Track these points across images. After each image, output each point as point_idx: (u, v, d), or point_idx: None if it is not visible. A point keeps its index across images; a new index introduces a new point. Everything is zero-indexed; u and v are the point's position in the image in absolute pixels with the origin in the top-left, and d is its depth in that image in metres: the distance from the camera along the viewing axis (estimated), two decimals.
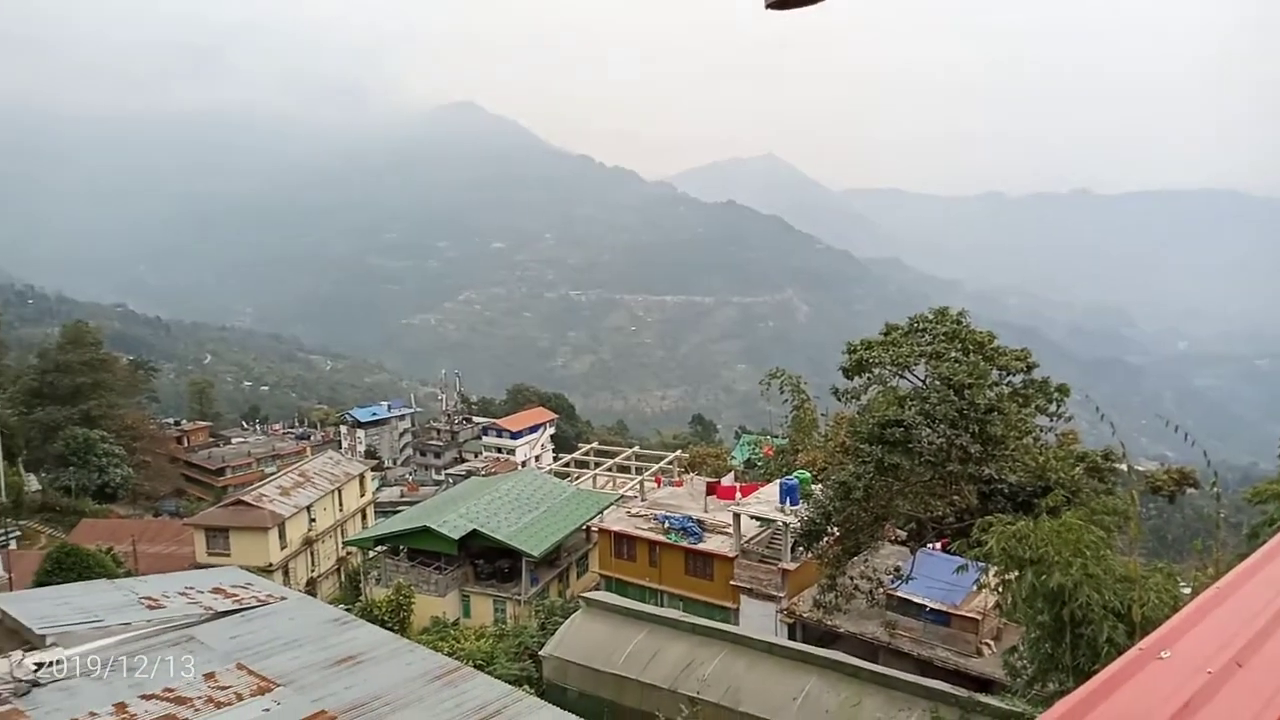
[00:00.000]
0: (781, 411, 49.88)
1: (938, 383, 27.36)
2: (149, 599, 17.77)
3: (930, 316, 30.67)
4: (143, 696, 13.92)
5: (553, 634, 27.36)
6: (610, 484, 61.85)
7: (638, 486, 53.74)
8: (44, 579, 37.35)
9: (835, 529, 28.75)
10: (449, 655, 17.38)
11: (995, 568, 14.24)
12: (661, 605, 31.83)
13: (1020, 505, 26.66)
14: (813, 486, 33.36)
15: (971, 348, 28.69)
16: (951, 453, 26.31)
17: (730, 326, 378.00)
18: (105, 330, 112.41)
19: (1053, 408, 28.93)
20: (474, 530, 42.56)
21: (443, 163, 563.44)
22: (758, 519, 36.16)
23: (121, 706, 13.64)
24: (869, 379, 29.77)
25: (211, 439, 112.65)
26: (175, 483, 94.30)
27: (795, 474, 37.26)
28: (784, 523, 33.73)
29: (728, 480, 44.45)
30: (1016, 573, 13.20)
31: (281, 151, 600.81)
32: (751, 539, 36.81)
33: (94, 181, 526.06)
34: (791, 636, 29.86)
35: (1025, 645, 14.26)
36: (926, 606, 27.88)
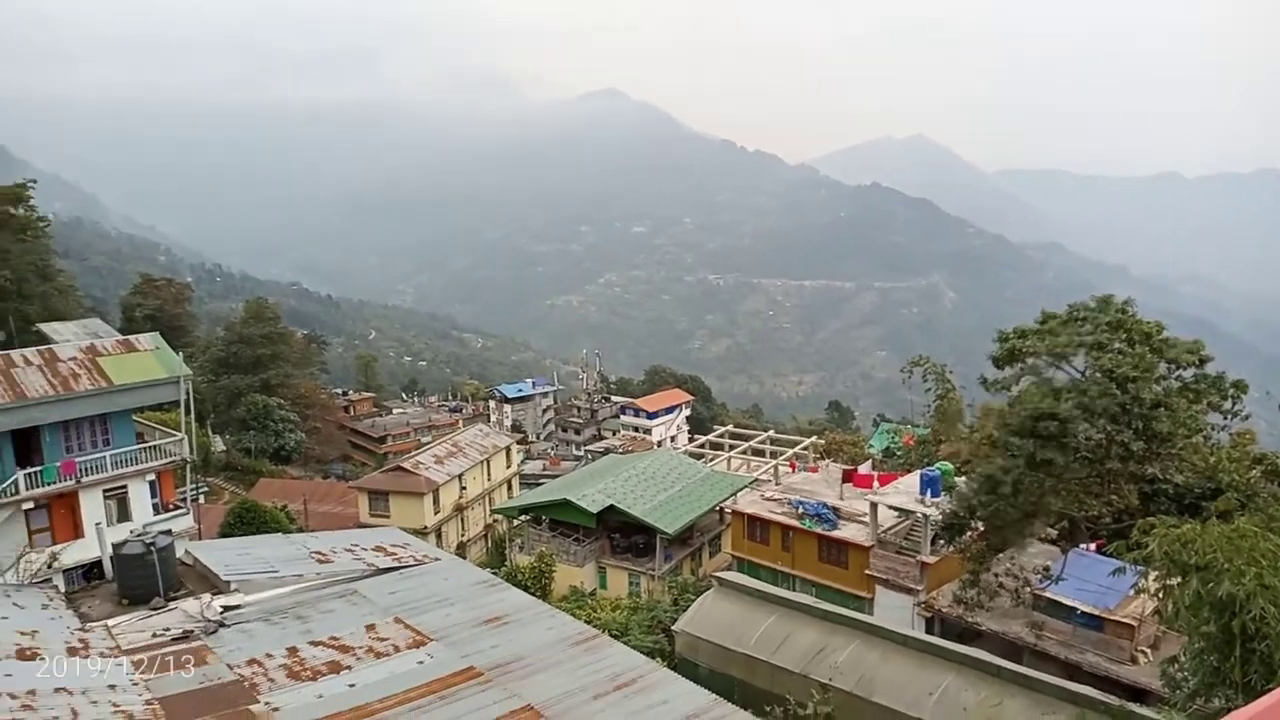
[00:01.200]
0: (923, 400, 48.26)
1: (1098, 375, 25.79)
2: (319, 554, 19.41)
3: (1092, 305, 28.89)
4: (312, 643, 15.30)
5: (685, 610, 27.79)
6: (744, 467, 61.70)
7: (772, 470, 53.43)
8: (227, 531, 41.28)
9: (979, 524, 27.73)
10: (586, 623, 18.05)
11: (1156, 572, 13.47)
12: (793, 590, 31.67)
13: (1186, 508, 24.90)
14: (956, 479, 32.27)
15: (1137, 339, 26.86)
16: (1111, 449, 24.84)
17: (870, 312, 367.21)
18: (282, 306, 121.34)
19: (1227, 405, 26.74)
20: (611, 505, 43.57)
21: (587, 149, 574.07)
22: (896, 509, 35.28)
23: (293, 651, 15.04)
24: (1022, 369, 28.43)
25: (375, 409, 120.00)
26: (342, 448, 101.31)
27: (937, 465, 36.08)
28: (924, 515, 32.79)
29: (864, 468, 43.50)
30: (1180, 579, 12.46)
31: (437, 143, 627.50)
32: (889, 529, 35.98)
33: (273, 171, 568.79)
34: (929, 631, 29.09)
35: (1187, 656, 13.47)
36: (1077, 609, 26.50)
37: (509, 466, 67.01)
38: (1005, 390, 29.14)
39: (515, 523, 50.63)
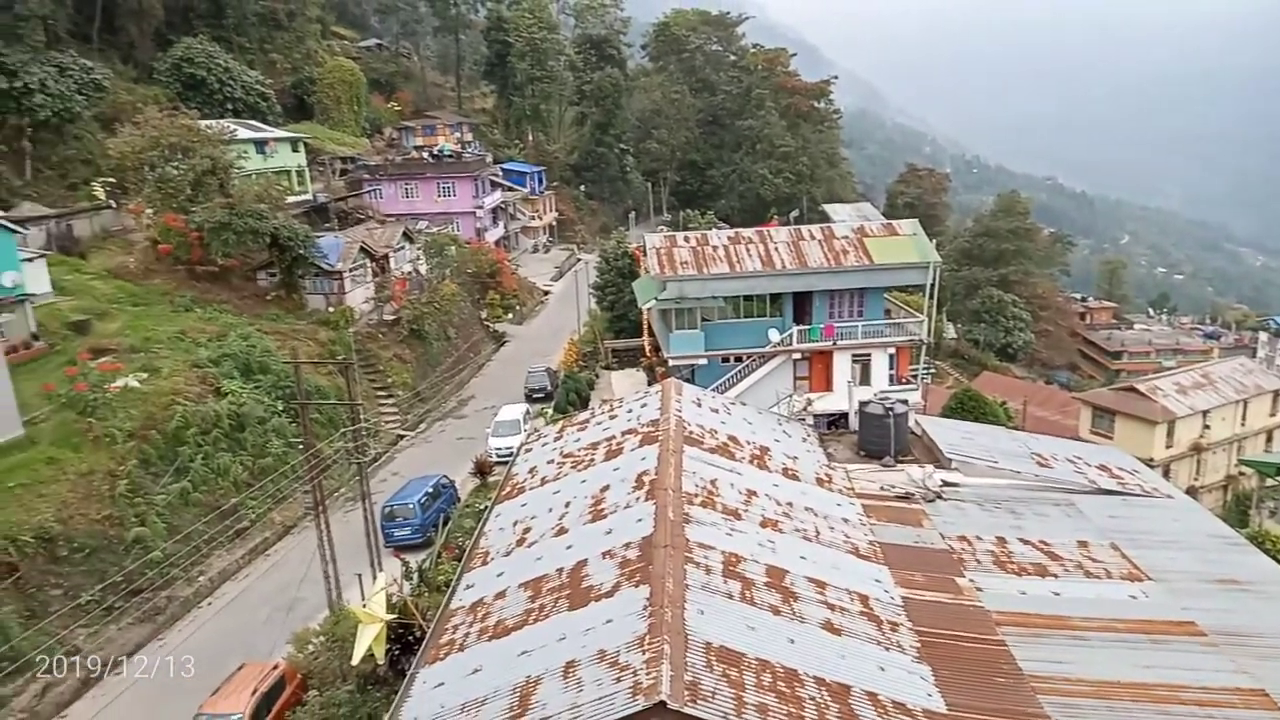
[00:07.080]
0: None
1: None
2: (1039, 456, 19.35)
3: None
4: (1021, 540, 15.59)
5: None
6: None
7: None
8: (948, 413, 43.59)
9: None
10: None
11: None
12: None
13: None
14: None
15: None
16: None
17: None
18: (1033, 201, 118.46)
19: None
20: None
21: None
22: None
23: (1001, 541, 15.56)
24: None
25: (1113, 320, 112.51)
26: (1070, 356, 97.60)
27: None
28: None
29: None
30: None
31: (1228, 7, 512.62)
32: None
33: (1028, 63, 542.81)
34: None
35: None
36: None
37: (1274, 415, 55.72)
38: None
39: (1270, 482, 42.41)
